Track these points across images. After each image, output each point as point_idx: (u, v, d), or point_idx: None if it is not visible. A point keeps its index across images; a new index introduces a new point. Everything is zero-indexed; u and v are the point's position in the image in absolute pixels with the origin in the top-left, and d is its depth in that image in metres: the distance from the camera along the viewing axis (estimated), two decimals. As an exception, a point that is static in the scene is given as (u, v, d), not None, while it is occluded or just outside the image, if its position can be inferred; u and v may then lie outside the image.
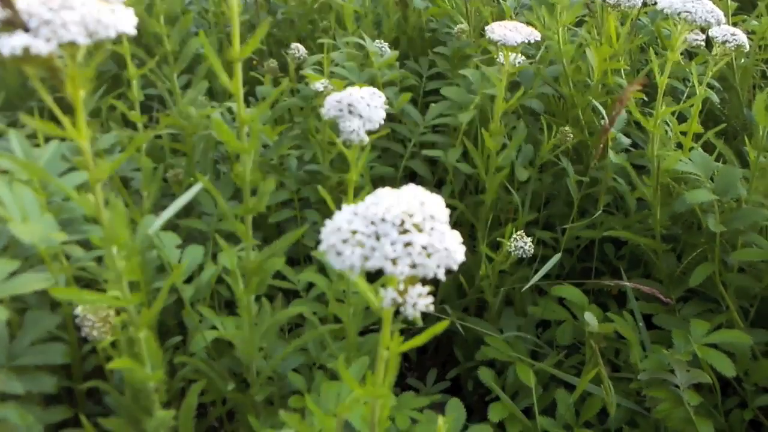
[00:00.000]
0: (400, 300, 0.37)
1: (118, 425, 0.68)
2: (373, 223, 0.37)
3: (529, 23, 1.02)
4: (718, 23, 0.74)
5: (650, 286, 0.94)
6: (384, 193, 0.39)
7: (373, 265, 0.36)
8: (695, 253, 0.94)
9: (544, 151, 1.03)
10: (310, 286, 0.96)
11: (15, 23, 0.37)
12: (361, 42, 1.24)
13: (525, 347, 0.94)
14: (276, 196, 1.03)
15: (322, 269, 0.98)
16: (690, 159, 0.88)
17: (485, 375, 0.86)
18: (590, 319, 0.81)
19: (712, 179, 0.88)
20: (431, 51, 1.35)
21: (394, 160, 1.26)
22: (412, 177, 1.27)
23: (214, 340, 0.83)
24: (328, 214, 1.20)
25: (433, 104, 1.20)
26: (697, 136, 0.99)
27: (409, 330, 0.87)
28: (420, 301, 0.37)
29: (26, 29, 0.38)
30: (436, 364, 1.16)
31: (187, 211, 1.12)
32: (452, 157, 1.03)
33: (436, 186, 1.21)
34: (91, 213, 0.46)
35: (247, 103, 1.39)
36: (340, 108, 0.61)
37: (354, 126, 0.59)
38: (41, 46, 0.36)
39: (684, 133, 0.99)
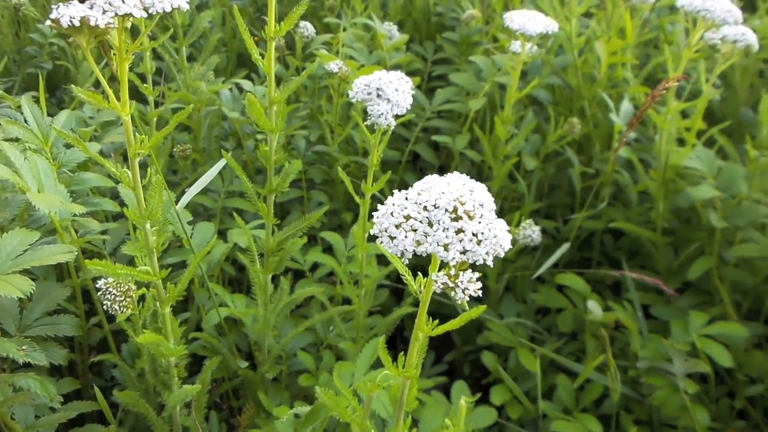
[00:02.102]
0: (451, 285, 0.38)
1: (131, 398, 0.68)
2: (425, 209, 0.38)
3: (541, 11, 1.02)
4: (736, 22, 0.75)
5: (648, 277, 0.97)
6: (433, 179, 0.40)
7: (425, 250, 0.37)
8: (693, 246, 0.97)
9: (550, 141, 1.04)
10: (315, 265, 0.97)
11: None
12: (370, 23, 1.23)
13: (525, 333, 0.97)
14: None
15: (328, 249, 0.98)
16: (695, 155, 0.90)
17: (488, 359, 0.88)
18: (594, 308, 0.83)
19: (714, 175, 0.90)
20: (439, 36, 1.35)
21: (399, 144, 1.26)
22: (414, 161, 1.28)
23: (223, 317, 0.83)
24: (335, 194, 1.20)
25: (438, 89, 1.20)
26: (698, 132, 1.01)
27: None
28: (470, 286, 0.38)
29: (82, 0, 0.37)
30: (433, 347, 1.18)
31: (189, 186, 1.12)
32: (460, 144, 1.04)
33: (439, 171, 1.22)
34: (127, 186, 0.46)
35: (250, 80, 1.37)
36: (368, 92, 0.61)
37: (382, 110, 0.60)
38: (99, 18, 0.36)
39: (688, 129, 1.01)
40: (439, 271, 0.41)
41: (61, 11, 0.35)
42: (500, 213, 1.06)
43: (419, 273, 0.45)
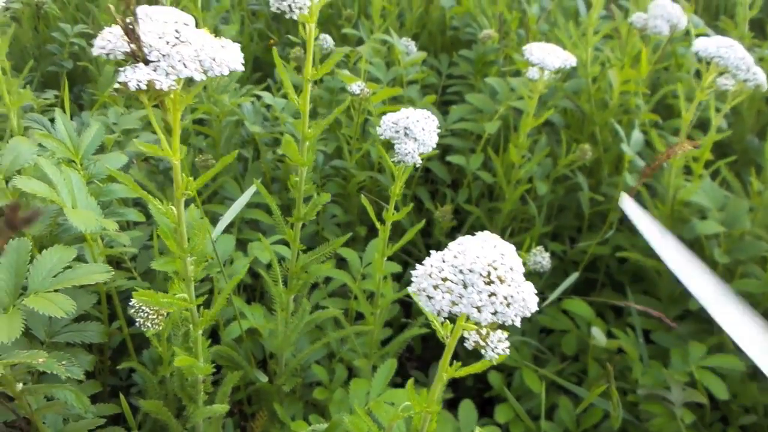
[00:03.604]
0: (482, 343, 0.41)
1: (154, 406, 0.72)
2: (461, 272, 0.41)
3: (551, 39, 1.05)
4: (747, 70, 0.78)
5: (649, 303, 1.00)
6: (467, 241, 0.43)
7: (459, 310, 0.40)
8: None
9: (561, 165, 1.07)
10: (327, 278, 1.00)
11: (136, 55, 0.39)
12: (388, 39, 1.26)
13: (529, 352, 1.00)
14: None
15: (340, 260, 1.01)
16: (701, 189, 0.93)
17: (495, 379, 0.92)
18: (598, 334, 0.87)
19: (719, 209, 0.93)
20: (456, 54, 1.37)
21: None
22: (427, 174, 1.31)
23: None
24: (349, 208, 1.23)
25: (453, 107, 1.23)
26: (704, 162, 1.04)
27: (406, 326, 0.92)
28: (499, 345, 0.41)
29: (146, 61, 0.40)
30: (437, 358, 1.22)
31: (208, 197, 1.14)
32: (474, 165, 1.07)
33: (451, 187, 1.25)
34: (173, 222, 0.49)
35: (265, 82, 1.40)
36: (396, 129, 0.64)
37: (409, 149, 0.63)
38: (162, 81, 0.39)
39: (695, 159, 1.04)
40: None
41: (128, 75, 0.38)
42: (510, 235, 1.09)
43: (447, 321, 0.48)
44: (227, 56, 0.40)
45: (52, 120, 1.04)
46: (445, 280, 0.40)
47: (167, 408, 0.75)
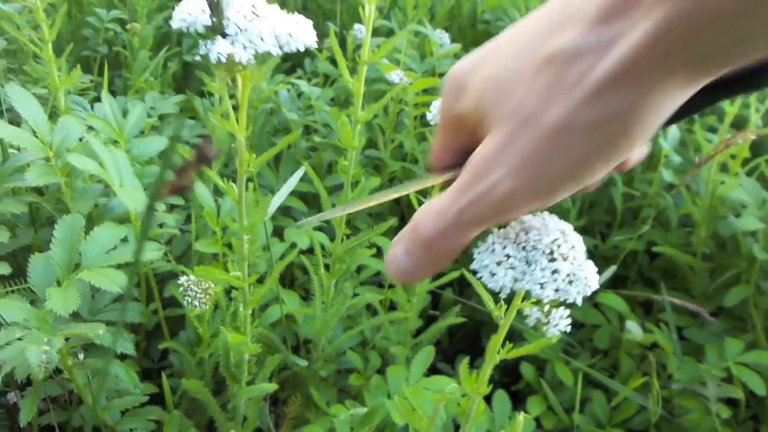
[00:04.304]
0: (544, 320, 0.41)
1: (195, 386, 0.72)
2: (524, 249, 0.41)
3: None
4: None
5: (683, 299, 1.00)
6: (530, 220, 0.43)
7: (521, 286, 0.40)
8: (729, 273, 0.99)
9: (595, 159, 1.07)
10: (359, 267, 1.01)
11: (216, 29, 0.40)
12: (422, 30, 1.26)
13: (560, 345, 1.00)
14: (334, 178, 1.06)
15: (378, 253, 1.02)
16: (741, 185, 0.92)
17: (527, 371, 0.92)
18: (634, 328, 0.86)
19: (759, 206, 0.93)
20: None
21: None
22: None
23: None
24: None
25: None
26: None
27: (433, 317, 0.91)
28: (562, 322, 0.41)
29: (223, 35, 0.40)
30: (465, 352, 1.22)
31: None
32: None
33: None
34: (234, 200, 0.50)
35: (295, 72, 1.40)
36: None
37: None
38: (242, 55, 0.38)
39: (733, 156, 1.03)
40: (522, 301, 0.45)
41: (210, 48, 0.38)
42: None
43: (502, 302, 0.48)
44: (302, 32, 0.40)
45: (92, 103, 1.05)
46: (508, 257, 0.40)
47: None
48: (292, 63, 1.61)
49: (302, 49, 0.40)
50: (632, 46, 0.24)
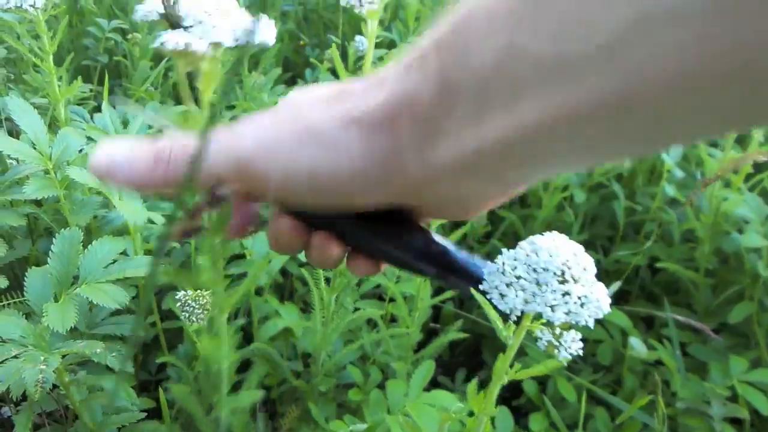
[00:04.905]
0: (555, 343, 0.40)
1: (182, 392, 0.71)
2: (535, 270, 0.40)
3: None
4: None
5: (685, 314, 0.99)
6: (540, 240, 0.42)
7: (532, 309, 0.40)
8: (732, 289, 0.99)
9: (597, 173, 1.06)
10: (359, 281, 1.00)
11: (170, 19, 0.40)
12: (424, 42, 1.25)
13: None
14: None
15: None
16: (745, 202, 0.92)
17: (529, 387, 0.91)
18: (638, 345, 0.85)
19: (762, 222, 0.92)
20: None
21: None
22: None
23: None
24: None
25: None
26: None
27: (434, 330, 0.90)
28: (573, 345, 0.40)
29: (179, 26, 0.41)
30: (464, 365, 1.21)
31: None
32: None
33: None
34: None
35: (293, 83, 1.40)
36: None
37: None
38: (199, 44, 0.39)
39: (735, 171, 1.03)
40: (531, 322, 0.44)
41: (166, 37, 0.39)
42: (545, 241, 1.08)
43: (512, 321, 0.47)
44: (260, 28, 0.41)
45: (91, 113, 1.05)
46: (518, 278, 0.39)
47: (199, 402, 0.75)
48: (292, 74, 1.61)
49: (256, 43, 0.43)
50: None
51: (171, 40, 0.39)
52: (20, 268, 0.92)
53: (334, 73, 1.33)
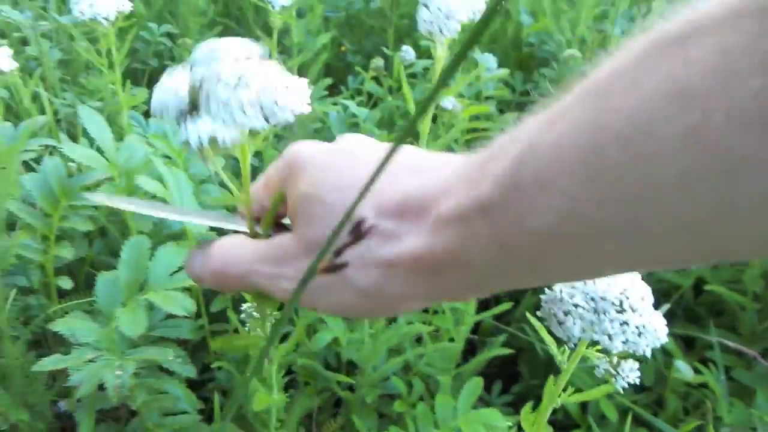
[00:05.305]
0: (613, 372, 0.41)
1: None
2: (593, 299, 0.41)
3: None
4: None
5: (729, 337, 0.98)
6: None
7: (590, 336, 0.40)
8: (780, 313, 0.97)
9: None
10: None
11: (192, 108, 0.33)
12: (470, 53, 1.26)
13: (603, 378, 0.99)
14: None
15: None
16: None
17: (573, 406, 0.91)
18: (684, 368, 0.85)
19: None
20: (529, 69, 1.37)
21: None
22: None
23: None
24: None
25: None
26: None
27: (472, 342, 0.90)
28: (631, 374, 0.41)
29: (198, 108, 0.33)
30: (500, 377, 1.21)
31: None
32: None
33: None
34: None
35: (338, 91, 1.42)
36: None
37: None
38: (224, 134, 0.32)
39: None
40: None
41: (189, 129, 0.32)
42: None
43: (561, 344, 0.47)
44: (291, 99, 0.33)
45: (143, 115, 1.08)
46: (576, 306, 0.40)
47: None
48: (333, 79, 1.63)
49: (291, 120, 0.33)
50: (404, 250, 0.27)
51: (193, 133, 0.31)
52: (77, 269, 0.96)
53: (378, 81, 1.34)
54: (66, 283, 0.73)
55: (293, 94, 0.33)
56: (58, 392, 0.83)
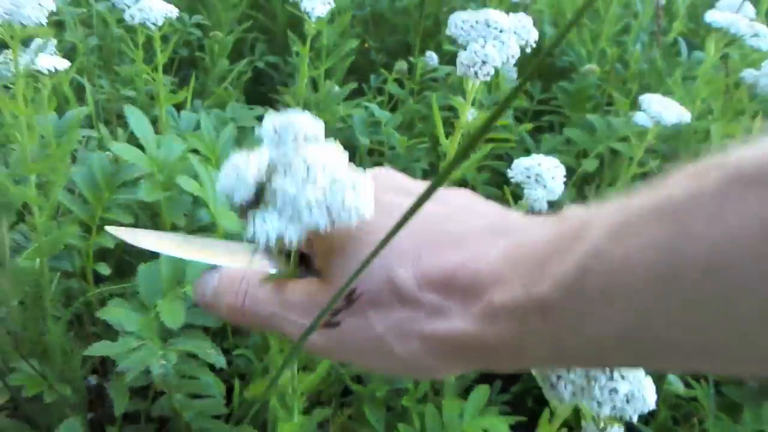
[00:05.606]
0: (598, 433, 0.46)
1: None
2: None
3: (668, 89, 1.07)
4: None
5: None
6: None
7: (578, 401, 0.44)
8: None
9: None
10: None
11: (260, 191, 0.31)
12: (491, 63, 1.29)
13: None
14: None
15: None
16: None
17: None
18: (675, 381, 0.90)
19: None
20: (548, 80, 1.41)
21: (499, 179, 1.33)
22: (516, 199, 1.35)
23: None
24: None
25: (546, 136, 1.26)
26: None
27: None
28: (615, 439, 0.45)
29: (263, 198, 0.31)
30: (500, 377, 1.26)
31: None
32: (568, 198, 1.10)
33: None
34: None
35: (360, 89, 1.45)
36: (528, 175, 0.68)
37: (539, 195, 0.67)
38: (292, 233, 0.30)
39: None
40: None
41: (257, 227, 0.30)
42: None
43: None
44: (357, 201, 0.31)
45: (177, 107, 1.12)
46: (568, 371, 0.44)
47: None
48: (357, 77, 1.66)
49: (353, 222, 0.30)
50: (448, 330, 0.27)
51: (261, 232, 0.29)
52: (111, 255, 1.01)
53: (401, 84, 1.38)
54: (104, 269, 0.78)
55: (359, 196, 0.31)
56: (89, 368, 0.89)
